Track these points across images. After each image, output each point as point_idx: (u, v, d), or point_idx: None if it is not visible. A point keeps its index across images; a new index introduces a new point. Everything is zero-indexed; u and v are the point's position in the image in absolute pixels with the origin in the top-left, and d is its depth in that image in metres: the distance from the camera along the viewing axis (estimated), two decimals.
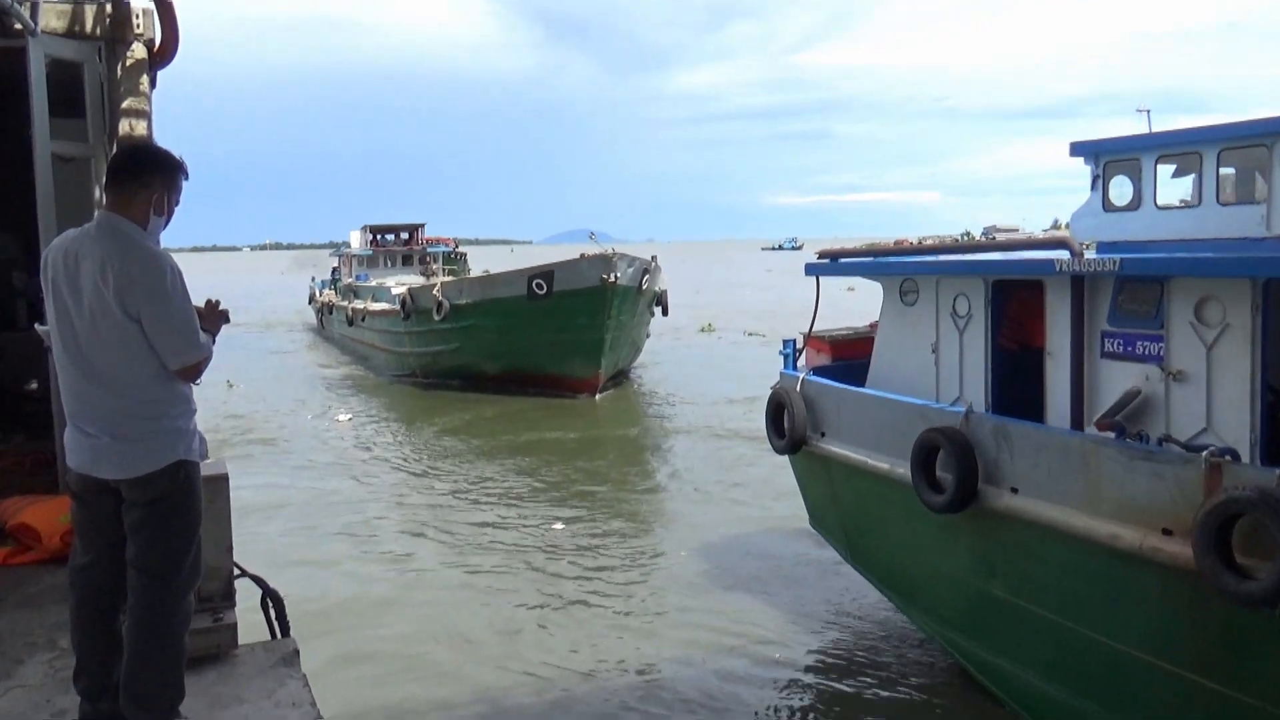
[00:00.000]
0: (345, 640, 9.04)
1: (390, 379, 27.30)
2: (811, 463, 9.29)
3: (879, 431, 8.20)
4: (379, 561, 11.56)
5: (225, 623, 4.27)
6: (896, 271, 8.82)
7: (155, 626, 3.41)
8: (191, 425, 3.55)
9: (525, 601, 10.06)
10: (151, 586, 3.42)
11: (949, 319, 8.31)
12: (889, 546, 8.57)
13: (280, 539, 12.16)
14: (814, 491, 9.56)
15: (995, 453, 6.97)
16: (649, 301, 25.08)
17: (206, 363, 3.52)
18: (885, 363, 8.95)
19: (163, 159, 3.59)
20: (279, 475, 15.82)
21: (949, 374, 8.33)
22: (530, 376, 23.47)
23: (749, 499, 13.76)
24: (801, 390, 9.16)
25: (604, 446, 18.13)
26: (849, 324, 11.06)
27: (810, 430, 9.05)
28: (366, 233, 38.54)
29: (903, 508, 7.84)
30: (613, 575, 10.93)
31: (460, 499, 14.40)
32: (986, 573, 7.27)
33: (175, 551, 3.46)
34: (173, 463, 3.44)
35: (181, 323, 3.41)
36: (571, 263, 22.62)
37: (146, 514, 3.43)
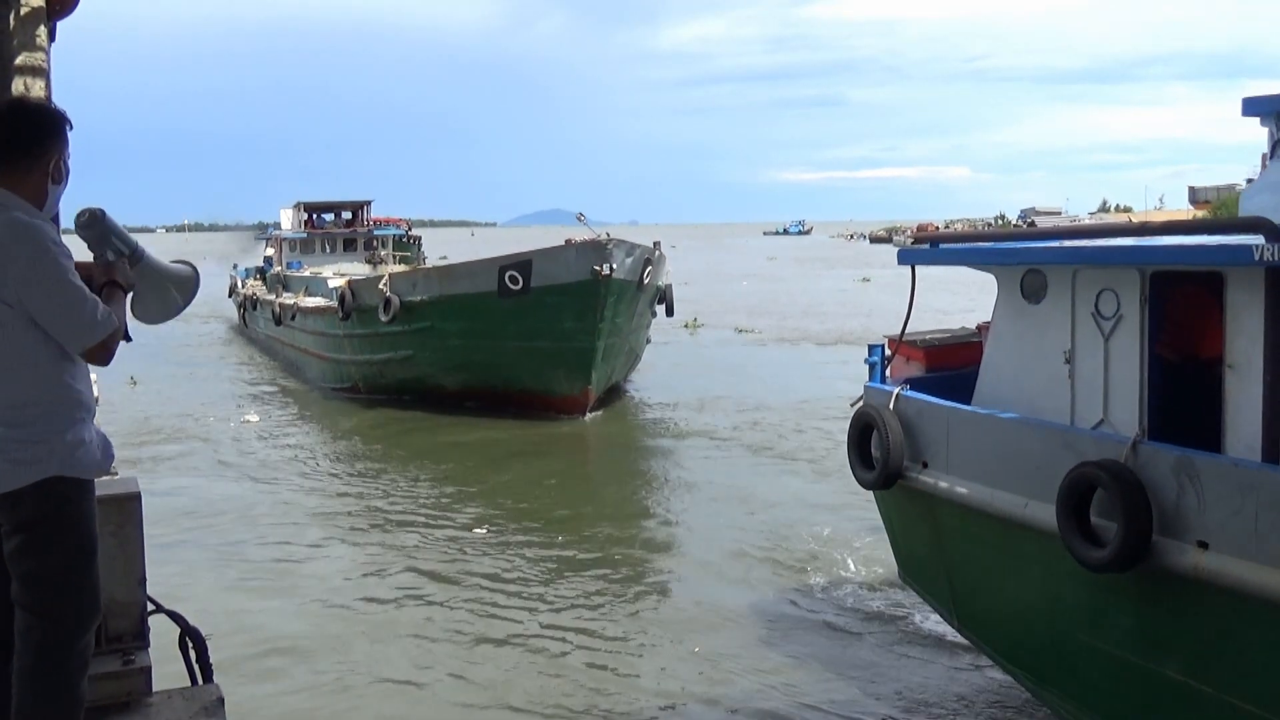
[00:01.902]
0: (278, 685, 9.28)
1: (325, 392, 26.62)
2: (909, 500, 8.88)
3: (1008, 463, 7.74)
4: (315, 594, 11.91)
5: (137, 666, 4.29)
6: (1018, 260, 8.36)
7: (46, 673, 3.42)
8: (75, 434, 3.50)
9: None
10: (38, 626, 3.42)
11: (1090, 320, 7.82)
12: (1015, 609, 8.16)
13: (197, 564, 12.50)
14: (910, 536, 9.21)
15: (1176, 496, 6.47)
16: (650, 299, 24.55)
17: (117, 339, 3.55)
18: (999, 375, 8.51)
19: (53, 119, 3.62)
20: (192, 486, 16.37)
21: (1089, 390, 7.81)
22: (502, 393, 22.80)
23: (798, 558, 12.91)
24: (896, 409, 8.74)
25: (596, 487, 17.44)
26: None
27: (908, 460, 8.64)
28: (300, 211, 37.95)
29: (1039, 561, 7.42)
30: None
31: (396, 539, 14.28)
32: (1158, 650, 6.82)
33: (63, 585, 3.45)
34: (45, 479, 3.41)
35: (74, 299, 3.42)
36: (555, 251, 21.98)
37: (20, 541, 3.42)
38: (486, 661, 10.16)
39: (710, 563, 12.89)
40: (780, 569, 12.51)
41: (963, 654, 9.74)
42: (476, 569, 12.72)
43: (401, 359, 24.12)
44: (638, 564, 13.00)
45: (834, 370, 27.74)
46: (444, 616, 11.29)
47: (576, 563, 12.92)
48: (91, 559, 3.54)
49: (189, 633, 4.58)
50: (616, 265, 21.34)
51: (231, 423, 22.55)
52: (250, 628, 10.80)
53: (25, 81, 5.46)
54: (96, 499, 3.66)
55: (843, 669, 9.78)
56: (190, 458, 19.13)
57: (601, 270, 21.06)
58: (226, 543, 13.87)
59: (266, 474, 18.02)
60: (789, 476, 16.85)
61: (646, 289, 23.46)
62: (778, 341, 35.64)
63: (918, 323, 9.99)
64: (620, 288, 21.85)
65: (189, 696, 4.31)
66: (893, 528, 9.53)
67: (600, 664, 10.09)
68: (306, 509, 15.79)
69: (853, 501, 14.67)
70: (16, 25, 5.50)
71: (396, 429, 22.25)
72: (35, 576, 3.44)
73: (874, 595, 11.49)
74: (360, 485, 17.41)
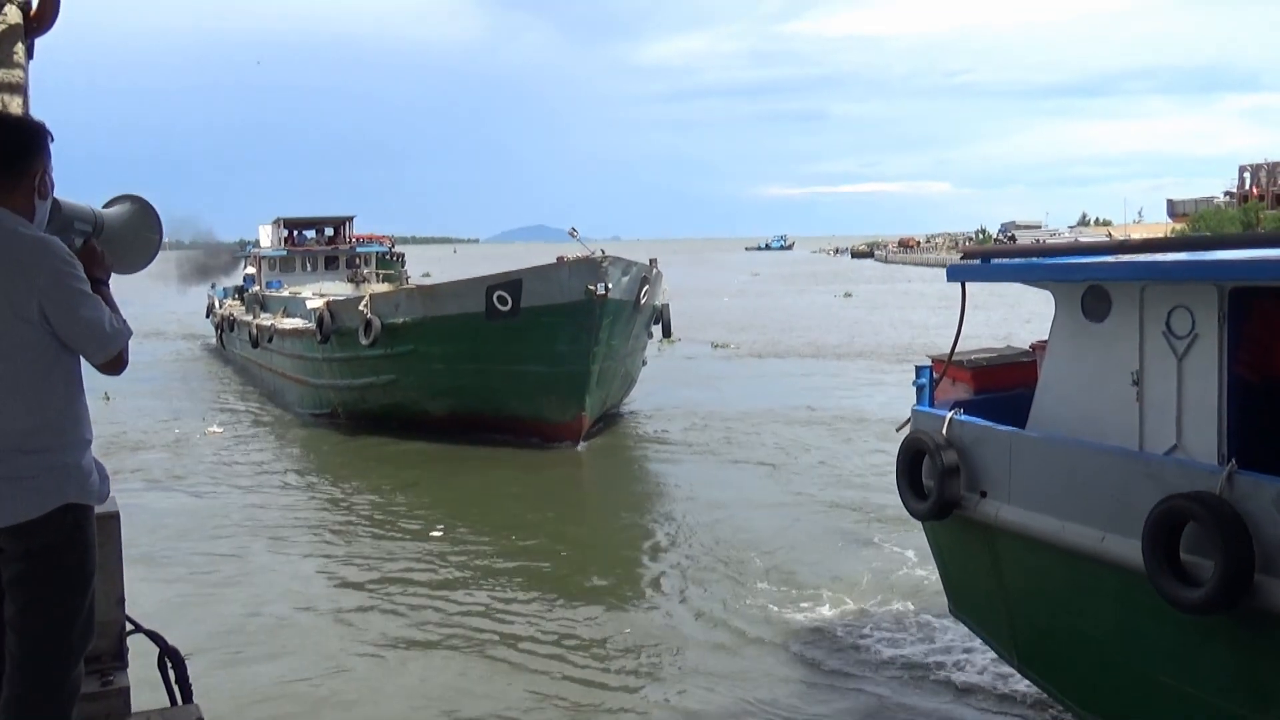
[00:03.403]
0: (260, 709, 9.43)
1: (304, 418, 26.08)
2: (965, 532, 8.58)
3: (1080, 493, 7.42)
4: (301, 613, 12.24)
5: (116, 686, 4.33)
6: (1078, 275, 8.09)
7: (39, 701, 3.46)
8: (85, 460, 3.57)
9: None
10: (33, 654, 3.45)
11: (1161, 339, 7.52)
12: (1088, 650, 7.79)
13: (173, 583, 12.87)
14: (964, 569, 8.94)
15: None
16: (647, 319, 24.12)
17: (127, 346, 3.64)
18: (1057, 397, 8.22)
19: (37, 133, 3.63)
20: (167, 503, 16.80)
21: (1160, 414, 7.49)
22: (489, 419, 22.21)
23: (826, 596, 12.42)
24: (950, 434, 8.43)
25: (592, 522, 16.89)
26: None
27: (965, 489, 8.33)
28: (280, 228, 37.35)
29: (1118, 599, 7.14)
30: None
31: (378, 574, 14.08)
32: (1258, 698, 6.50)
33: (62, 613, 3.49)
34: (59, 507, 3.44)
35: (96, 312, 3.50)
36: (547, 269, 21.50)
37: (26, 569, 3.44)
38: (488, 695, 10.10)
39: (744, 603, 12.31)
40: (825, 602, 12.14)
41: (1024, 695, 9.32)
42: (467, 616, 12.27)
43: (384, 384, 23.53)
44: (636, 606, 12.51)
45: (824, 384, 28.95)
46: (409, 632, 11.59)
47: (574, 614, 12.23)
48: (90, 586, 3.58)
49: (168, 652, 4.61)
50: (613, 284, 20.82)
51: (197, 437, 23.24)
52: (231, 650, 11.06)
53: (3, 99, 5.41)
54: None
55: (893, 712, 9.41)
56: (150, 472, 19.61)
57: (597, 290, 20.53)
58: (198, 563, 14.24)
59: (231, 499, 17.90)
60: (818, 506, 16.50)
61: (643, 309, 23.03)
62: (758, 357, 36.13)
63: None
64: (616, 308, 21.36)
65: (168, 717, 4.35)
66: (945, 560, 9.26)
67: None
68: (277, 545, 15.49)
69: (878, 529, 14.59)
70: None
71: (374, 457, 21.89)
72: (37, 602, 3.46)
73: (920, 630, 11.13)
74: (340, 527, 16.98)
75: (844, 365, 33.74)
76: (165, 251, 4.88)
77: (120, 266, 4.06)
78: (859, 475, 18.18)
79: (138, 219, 4.28)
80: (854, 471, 18.55)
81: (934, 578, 12.07)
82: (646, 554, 14.64)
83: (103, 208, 4.25)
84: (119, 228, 4.17)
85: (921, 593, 12.00)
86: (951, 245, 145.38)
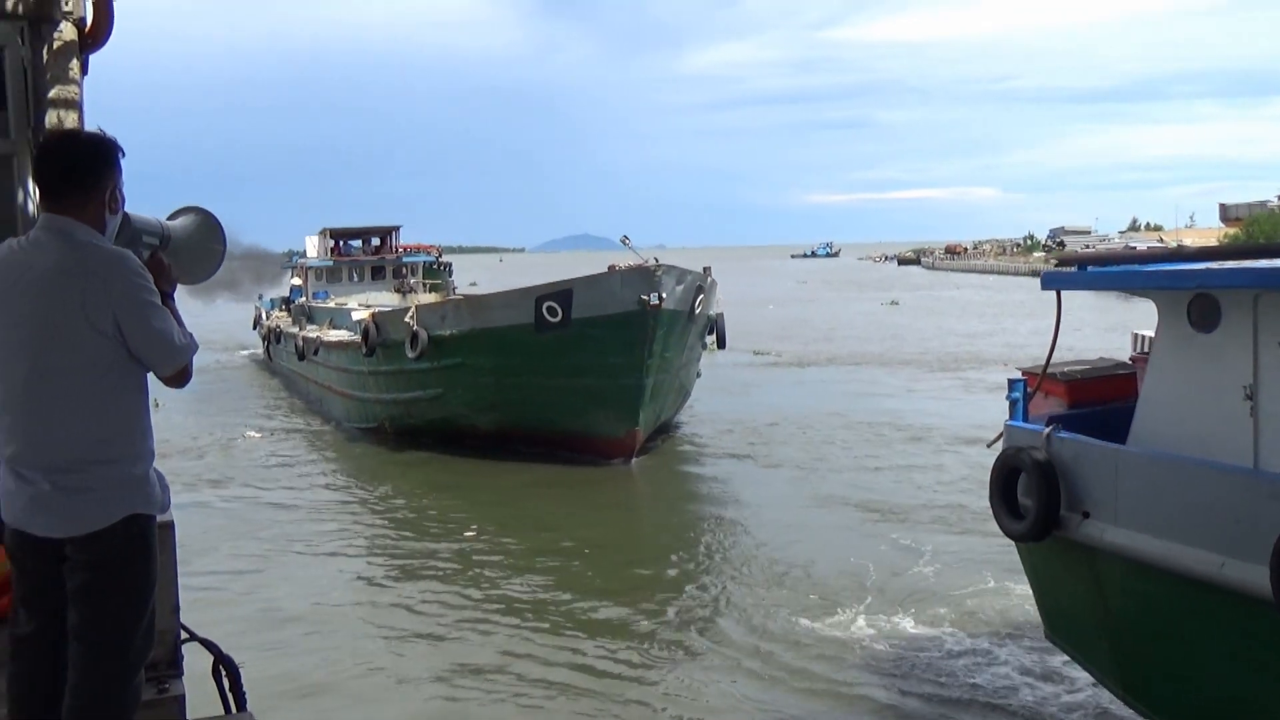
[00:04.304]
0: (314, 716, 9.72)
1: (349, 433, 25.92)
2: (1064, 554, 8.28)
3: (1197, 515, 7.06)
4: (350, 624, 12.38)
5: (171, 694, 4.38)
6: (1184, 283, 7.73)
7: (99, 709, 3.51)
8: (150, 471, 3.64)
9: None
10: (96, 662, 3.51)
11: (1278, 350, 7.09)
12: (1206, 683, 7.44)
13: (227, 598, 13.03)
14: (1062, 593, 8.66)
15: None
16: (701, 330, 23.68)
17: (192, 360, 3.73)
18: (1161, 412, 7.86)
19: (109, 150, 3.70)
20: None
21: (1278, 430, 7.05)
22: (539, 435, 21.85)
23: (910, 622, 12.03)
24: (1049, 451, 8.09)
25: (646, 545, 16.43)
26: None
27: (1065, 509, 8.01)
28: (326, 238, 37.40)
29: (1239, 628, 6.78)
30: None
31: (427, 589, 14.03)
32: None
33: (125, 621, 3.55)
34: (125, 517, 3.50)
35: (167, 325, 3.59)
36: (598, 279, 21.15)
37: (91, 578, 3.50)
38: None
39: (822, 630, 11.89)
40: (910, 619, 11.93)
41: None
42: (518, 645, 11.93)
43: (430, 398, 23.25)
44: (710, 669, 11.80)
45: (873, 392, 29.02)
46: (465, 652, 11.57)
47: (626, 639, 11.91)
48: (151, 595, 3.65)
49: (223, 661, 4.68)
50: (667, 294, 20.38)
51: (239, 441, 24.37)
52: (282, 657, 11.23)
53: (59, 114, 5.57)
54: None
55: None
56: (186, 475, 19.83)
57: (650, 300, 20.09)
58: (253, 579, 14.33)
59: (280, 518, 17.72)
60: (893, 521, 16.19)
61: (697, 319, 22.59)
62: (801, 365, 36.38)
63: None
64: (670, 319, 20.92)
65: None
66: (1041, 582, 8.99)
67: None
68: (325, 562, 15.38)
69: (946, 543, 14.47)
70: (49, 59, 5.60)
71: (417, 471, 21.75)
72: (100, 612, 3.52)
73: (1011, 654, 10.78)
74: (378, 530, 17.28)
75: (887, 373, 33.63)
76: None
77: (185, 277, 4.18)
78: (938, 489, 18.01)
79: (202, 230, 4.38)
80: (933, 485, 18.36)
81: (1013, 598, 12.01)
82: (702, 577, 14.31)
83: (167, 219, 4.34)
84: (184, 239, 4.27)
85: (1007, 614, 11.80)
86: (999, 251, 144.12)
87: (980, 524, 15.09)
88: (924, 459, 20.40)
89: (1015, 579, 12.09)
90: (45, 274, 3.47)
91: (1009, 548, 12.37)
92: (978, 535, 14.36)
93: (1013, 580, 11.95)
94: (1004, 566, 12.40)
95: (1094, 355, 12.44)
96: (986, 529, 14.61)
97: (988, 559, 13.30)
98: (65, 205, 3.56)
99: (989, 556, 13.24)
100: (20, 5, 5.54)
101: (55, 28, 5.61)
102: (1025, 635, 11.00)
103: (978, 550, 13.92)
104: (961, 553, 14.11)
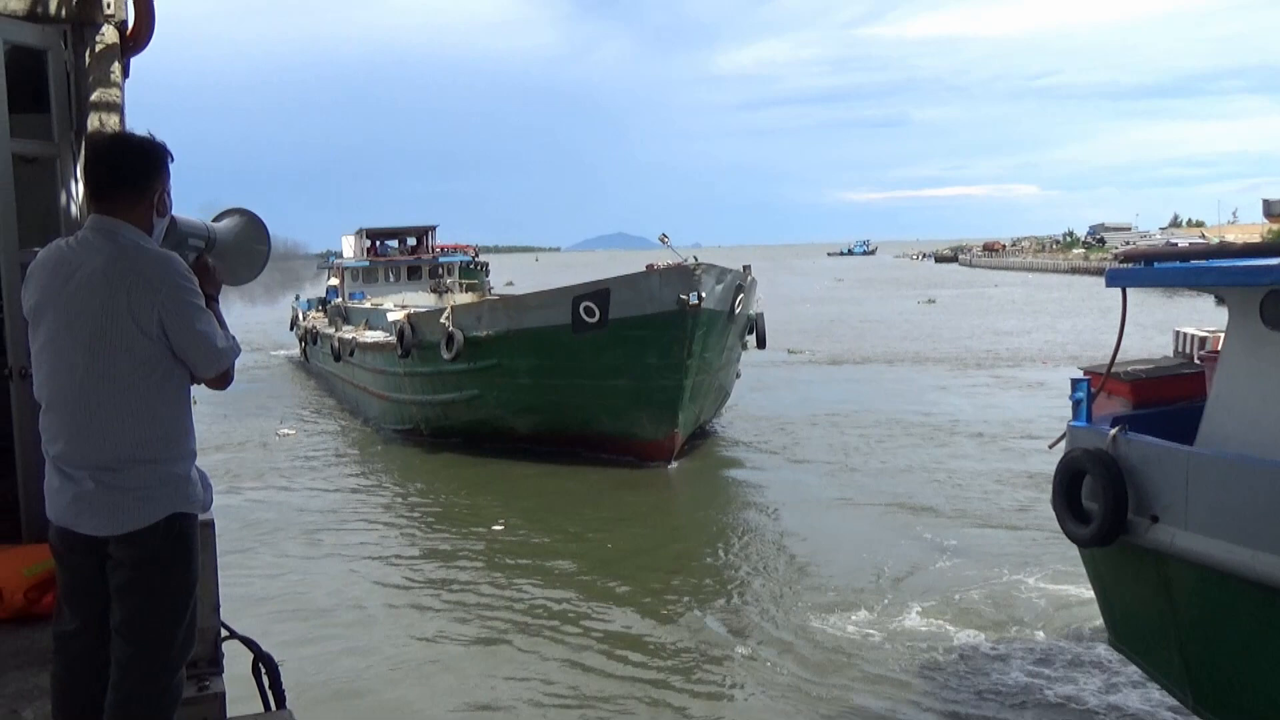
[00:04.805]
0: (350, 714, 9.71)
1: (385, 434, 25.64)
2: (1132, 560, 7.99)
3: (1275, 520, 6.68)
4: (389, 621, 12.50)
5: (211, 692, 4.42)
6: (1257, 279, 7.42)
7: (140, 707, 3.56)
8: (192, 471, 3.69)
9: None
10: (138, 659, 3.55)
11: None
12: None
13: (260, 595, 13.10)
14: (1129, 599, 8.40)
15: None
16: (741, 330, 23.19)
17: (234, 363, 3.79)
18: (1232, 412, 7.54)
19: (159, 154, 3.75)
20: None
21: None
22: (577, 437, 21.48)
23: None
24: (1115, 452, 7.80)
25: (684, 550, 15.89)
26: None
27: (1133, 513, 7.72)
28: (363, 238, 37.26)
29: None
30: None
31: (457, 582, 14.18)
32: None
33: (167, 619, 3.59)
34: (168, 516, 3.55)
35: (210, 327, 3.64)
36: (636, 278, 20.67)
37: (134, 576, 3.54)
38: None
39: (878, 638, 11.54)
40: (975, 622, 11.64)
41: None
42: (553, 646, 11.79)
43: (467, 400, 22.91)
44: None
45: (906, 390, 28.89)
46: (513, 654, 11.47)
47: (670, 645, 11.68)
48: (194, 593, 3.69)
49: (262, 659, 4.78)
50: (706, 294, 19.88)
51: (273, 438, 24.61)
52: (320, 655, 11.24)
53: (100, 117, 5.70)
54: None
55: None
56: (216, 471, 19.37)
57: (689, 300, 19.59)
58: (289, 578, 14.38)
59: (319, 520, 17.40)
60: (937, 528, 15.76)
61: (737, 319, 22.11)
62: (857, 363, 36.24)
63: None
64: (710, 319, 20.44)
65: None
66: (1106, 588, 8.72)
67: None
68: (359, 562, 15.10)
69: (1007, 547, 14.23)
70: (91, 62, 5.72)
71: (451, 472, 21.58)
72: (145, 610, 3.56)
73: (1068, 660, 10.46)
74: (411, 529, 17.31)
75: (923, 371, 33.47)
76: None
77: (230, 279, 4.23)
78: (978, 490, 17.70)
79: (247, 232, 4.42)
80: (983, 484, 18.10)
81: (1065, 601, 11.81)
82: (737, 579, 14.02)
83: (212, 221, 4.38)
84: (229, 241, 4.32)
85: (1055, 618, 11.59)
86: (1038, 248, 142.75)
87: (1022, 520, 15.49)
88: (977, 458, 20.14)
89: (1060, 578, 12.40)
90: (94, 275, 3.52)
91: (1051, 543, 12.83)
92: (1020, 531, 14.81)
93: (1058, 580, 12.23)
94: (1048, 563, 12.90)
95: (1136, 354, 12.17)
96: (1029, 525, 15.04)
97: (1032, 555, 13.57)
98: (114, 206, 3.63)
99: (1030, 552, 13.67)
100: (63, 9, 5.72)
101: (97, 31, 5.77)
102: (1083, 638, 10.85)
103: (1020, 546, 14.18)
104: (1011, 553, 14.02)
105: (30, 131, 5.65)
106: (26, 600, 5.03)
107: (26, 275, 3.74)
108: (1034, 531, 14.45)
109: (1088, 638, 10.75)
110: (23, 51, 5.55)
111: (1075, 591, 11.70)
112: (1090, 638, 10.72)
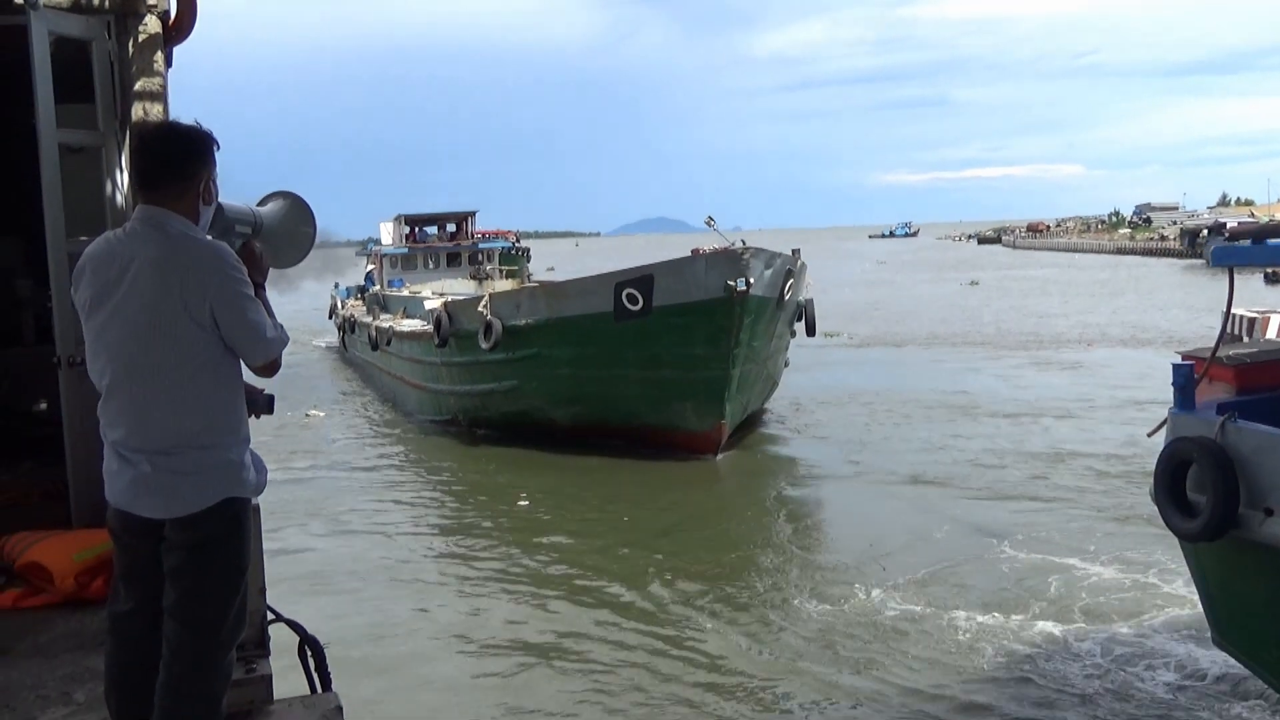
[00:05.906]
0: (397, 696, 9.73)
1: (422, 425, 24.99)
2: (1243, 556, 7.50)
3: None
4: (437, 605, 12.48)
5: (259, 674, 4.51)
6: None
7: (191, 686, 3.64)
8: (246, 455, 3.79)
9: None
10: (190, 640, 3.65)
11: None
12: None
13: (305, 575, 13.09)
14: (1238, 596, 8.00)
15: None
16: (790, 317, 22.23)
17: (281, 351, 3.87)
18: None
19: (205, 143, 3.82)
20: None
21: None
22: (620, 429, 20.55)
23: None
24: (1223, 441, 7.25)
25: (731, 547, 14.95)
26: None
27: (1245, 506, 7.27)
28: (401, 224, 36.60)
29: None
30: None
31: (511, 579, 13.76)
32: None
33: (219, 601, 3.70)
34: (222, 500, 3.66)
35: (260, 317, 3.72)
36: (681, 264, 19.70)
37: (188, 558, 3.65)
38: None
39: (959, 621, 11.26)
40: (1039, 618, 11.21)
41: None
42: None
43: (505, 390, 22.06)
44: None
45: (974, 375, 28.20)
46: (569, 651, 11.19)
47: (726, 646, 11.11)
48: (245, 576, 3.79)
49: (308, 641, 4.83)
50: (754, 279, 18.88)
51: (302, 418, 24.81)
52: (366, 638, 11.24)
53: (144, 106, 5.78)
54: None
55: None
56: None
57: (737, 286, 18.58)
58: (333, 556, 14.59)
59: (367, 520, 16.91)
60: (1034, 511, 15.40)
61: (786, 305, 21.13)
62: (898, 345, 36.04)
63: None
64: (758, 305, 19.46)
65: (309, 704, 4.51)
66: (1210, 584, 8.27)
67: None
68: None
69: (1088, 536, 13.78)
70: (135, 51, 5.85)
71: (488, 463, 21.00)
72: (195, 592, 3.64)
73: (1168, 656, 10.20)
74: (448, 513, 17.48)
75: (971, 353, 32.83)
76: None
77: (276, 262, 4.28)
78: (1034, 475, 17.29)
79: (293, 215, 4.51)
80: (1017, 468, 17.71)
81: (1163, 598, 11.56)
82: (779, 566, 13.70)
83: (257, 205, 4.40)
84: (275, 225, 4.36)
85: (1148, 613, 11.26)
86: (1083, 229, 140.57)
87: (1087, 500, 15.44)
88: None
89: (1126, 566, 12.38)
90: (146, 267, 3.58)
91: (1119, 529, 13.35)
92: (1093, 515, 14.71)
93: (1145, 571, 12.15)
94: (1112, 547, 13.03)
95: (1192, 336, 11.67)
96: (1094, 509, 14.95)
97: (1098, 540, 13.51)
98: (162, 196, 3.69)
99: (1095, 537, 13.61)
100: (106, 0, 5.81)
101: (140, 21, 5.88)
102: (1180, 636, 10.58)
103: (1085, 531, 14.01)
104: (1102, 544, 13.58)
105: (76, 122, 5.81)
106: (77, 584, 5.17)
107: (77, 268, 3.79)
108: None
109: (1182, 634, 10.45)
110: (68, 42, 5.74)
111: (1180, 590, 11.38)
112: (1167, 631, 10.54)
